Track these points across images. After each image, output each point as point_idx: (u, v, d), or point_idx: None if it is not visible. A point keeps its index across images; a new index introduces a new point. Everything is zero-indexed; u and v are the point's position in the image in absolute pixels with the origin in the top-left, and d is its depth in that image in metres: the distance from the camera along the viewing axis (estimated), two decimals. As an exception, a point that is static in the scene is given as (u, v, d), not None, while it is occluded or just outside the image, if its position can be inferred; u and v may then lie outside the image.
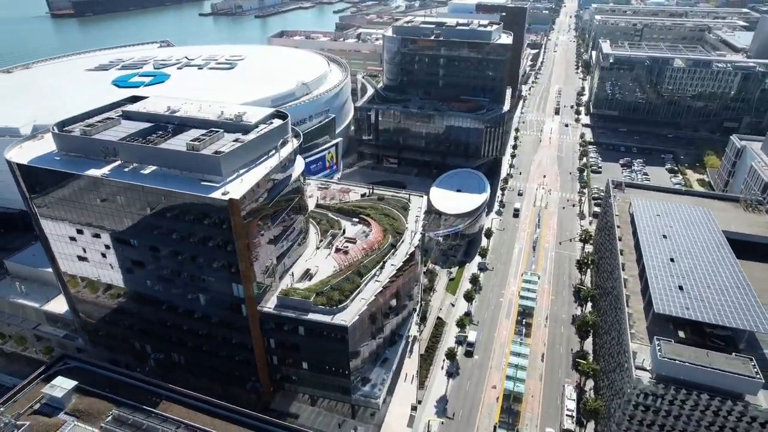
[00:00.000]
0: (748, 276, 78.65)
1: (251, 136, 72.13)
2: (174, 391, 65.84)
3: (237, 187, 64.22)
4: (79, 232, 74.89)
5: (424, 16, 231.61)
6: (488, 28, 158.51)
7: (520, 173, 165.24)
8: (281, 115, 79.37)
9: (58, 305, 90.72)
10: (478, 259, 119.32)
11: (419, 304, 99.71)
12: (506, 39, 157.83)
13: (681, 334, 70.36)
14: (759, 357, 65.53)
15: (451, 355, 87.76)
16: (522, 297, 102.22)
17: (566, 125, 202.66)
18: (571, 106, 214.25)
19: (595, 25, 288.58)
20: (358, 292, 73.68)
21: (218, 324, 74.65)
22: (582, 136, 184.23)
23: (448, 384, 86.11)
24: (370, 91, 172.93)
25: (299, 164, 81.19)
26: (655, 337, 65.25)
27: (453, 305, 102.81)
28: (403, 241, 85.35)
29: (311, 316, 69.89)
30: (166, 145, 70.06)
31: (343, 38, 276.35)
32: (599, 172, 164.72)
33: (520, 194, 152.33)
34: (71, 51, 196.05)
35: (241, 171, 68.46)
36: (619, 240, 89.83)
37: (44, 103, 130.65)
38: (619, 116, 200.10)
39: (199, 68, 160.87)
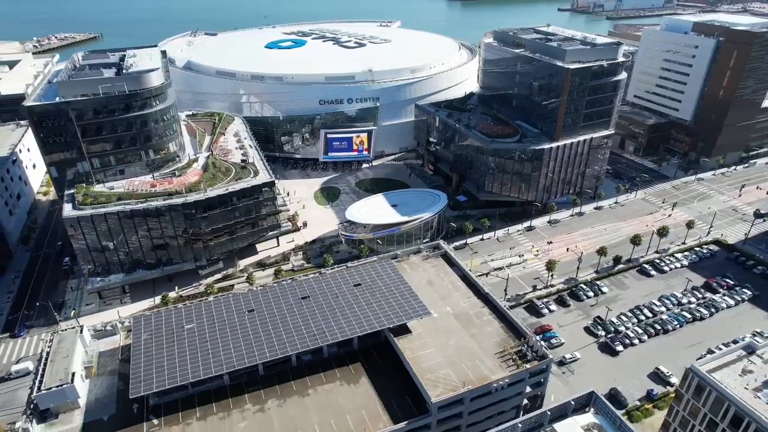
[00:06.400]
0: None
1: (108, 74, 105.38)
2: None
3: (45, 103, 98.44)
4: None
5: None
6: (569, 47, 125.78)
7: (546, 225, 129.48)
8: (152, 70, 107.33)
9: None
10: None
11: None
12: (587, 63, 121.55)
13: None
14: None
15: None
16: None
17: (736, 211, 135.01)
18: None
19: None
20: (103, 207, 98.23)
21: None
22: (715, 236, 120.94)
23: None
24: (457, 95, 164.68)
25: (163, 102, 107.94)
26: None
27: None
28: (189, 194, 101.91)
29: (65, 204, 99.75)
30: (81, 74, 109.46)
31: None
32: (650, 275, 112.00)
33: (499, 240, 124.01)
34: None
35: (78, 95, 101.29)
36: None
37: (214, 51, 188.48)
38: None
39: (333, 43, 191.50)
